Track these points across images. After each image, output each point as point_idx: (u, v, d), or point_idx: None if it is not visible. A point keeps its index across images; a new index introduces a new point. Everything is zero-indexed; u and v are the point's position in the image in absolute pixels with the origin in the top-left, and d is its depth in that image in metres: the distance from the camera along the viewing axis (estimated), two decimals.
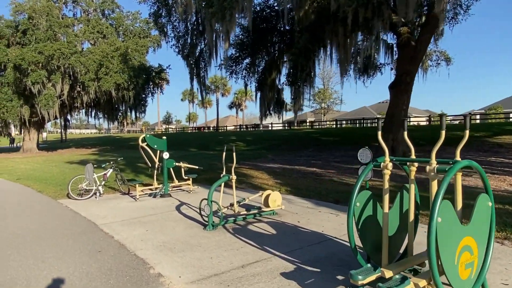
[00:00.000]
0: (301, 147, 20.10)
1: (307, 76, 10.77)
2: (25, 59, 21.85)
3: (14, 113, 24.28)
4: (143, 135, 8.20)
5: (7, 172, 15.29)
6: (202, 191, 8.97)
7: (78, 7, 29.97)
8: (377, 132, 3.53)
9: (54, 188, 9.98)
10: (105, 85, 23.76)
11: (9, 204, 8.00)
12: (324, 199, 7.43)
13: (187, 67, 15.45)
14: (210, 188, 5.53)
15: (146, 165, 8.58)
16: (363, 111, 56.90)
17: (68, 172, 14.14)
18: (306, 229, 5.28)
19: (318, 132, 26.59)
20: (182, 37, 14.87)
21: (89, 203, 7.85)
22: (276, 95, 19.06)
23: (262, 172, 11.56)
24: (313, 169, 11.84)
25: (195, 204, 7.34)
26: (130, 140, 39.72)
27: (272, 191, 6.39)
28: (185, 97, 66.38)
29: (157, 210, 6.90)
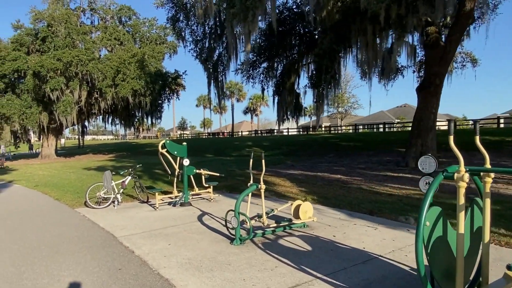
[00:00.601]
0: (320, 152, 19.50)
1: (331, 78, 10.28)
2: (44, 66, 22.07)
3: (33, 120, 24.55)
4: (162, 141, 7.85)
5: (25, 178, 15.26)
6: (223, 200, 8.56)
7: (96, 14, 30.35)
8: (448, 137, 2.97)
9: (71, 196, 9.73)
10: (122, 91, 23.77)
11: (26, 212, 7.75)
12: (357, 209, 6.88)
13: (205, 71, 15.18)
14: (238, 198, 5.08)
15: (166, 172, 8.23)
16: (380, 115, 55.70)
17: (86, 178, 13.97)
18: (344, 245, 4.76)
19: (337, 137, 25.92)
20: (200, 41, 14.63)
21: (107, 212, 7.52)
22: (295, 99, 18.59)
23: (284, 179, 11.06)
24: (338, 176, 11.27)
25: (217, 214, 6.92)
26: (146, 146, 39.84)
27: (303, 201, 5.90)
28: (200, 103, 66.66)
29: (178, 220, 6.49)
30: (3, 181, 15.05)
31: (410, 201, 7.25)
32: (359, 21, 9.21)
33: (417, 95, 12.63)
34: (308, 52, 14.45)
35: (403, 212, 6.44)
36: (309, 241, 4.94)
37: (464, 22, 11.25)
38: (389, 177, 10.49)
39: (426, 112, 12.19)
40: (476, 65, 18.78)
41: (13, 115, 23.79)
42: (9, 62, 23.22)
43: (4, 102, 24.14)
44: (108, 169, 8.63)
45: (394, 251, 4.44)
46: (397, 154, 16.63)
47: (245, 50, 10.31)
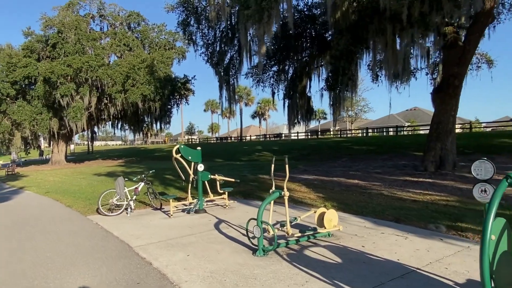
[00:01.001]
0: (332, 157, 19.13)
1: (349, 80, 9.97)
2: (55, 72, 22.16)
3: (44, 126, 24.66)
4: (177, 146, 7.61)
5: (36, 185, 15.18)
6: (238, 207, 8.27)
7: (105, 21, 30.56)
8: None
9: (83, 203, 9.54)
10: (132, 97, 23.75)
11: (38, 220, 7.56)
12: (381, 216, 6.53)
13: (216, 75, 14.98)
14: (260, 206, 4.78)
15: (180, 178, 7.98)
16: (390, 119, 55.00)
17: (96, 184, 13.81)
18: (376, 256, 4.43)
19: (348, 141, 25.51)
20: (211, 44, 14.44)
21: (120, 219, 7.28)
22: (306, 103, 18.29)
23: (299, 185, 10.74)
24: (355, 181, 10.91)
25: (234, 222, 6.64)
26: (155, 151, 39.83)
27: (327, 208, 5.59)
28: (208, 107, 66.67)
29: (194, 229, 6.22)
30: (14, 187, 14.98)
31: (437, 208, 6.88)
32: (377, 21, 8.92)
33: (435, 97, 12.24)
34: (321, 54, 14.17)
35: (432, 219, 6.09)
36: (337, 252, 4.62)
37: (484, 21, 10.88)
38: (409, 182, 10.10)
39: (445, 115, 11.79)
40: (492, 66, 18.30)
41: (24, 121, 23.93)
42: (20, 68, 23.40)
43: (15, 108, 24.31)
44: (120, 175, 8.40)
45: (432, 263, 4.10)
46: (412, 158, 16.20)
47: (260, 52, 10.05)
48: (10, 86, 24.65)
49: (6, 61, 24.23)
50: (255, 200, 9.04)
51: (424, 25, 7.86)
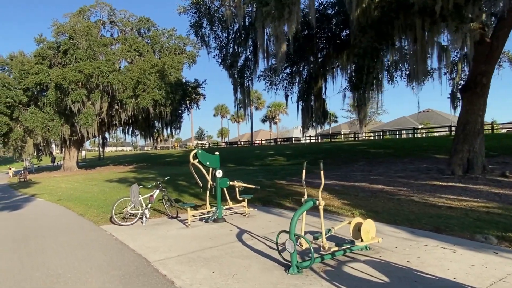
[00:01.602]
0: (349, 160, 18.54)
1: (374, 79, 9.45)
2: (66, 78, 22.10)
3: (56, 132, 24.61)
4: (194, 151, 7.18)
5: (48, 192, 14.95)
6: (259, 215, 7.78)
7: (115, 27, 30.62)
8: None
9: (95, 211, 9.18)
10: (143, 102, 23.55)
11: (49, 231, 7.18)
12: (418, 226, 5.97)
13: (229, 78, 14.58)
14: (292, 217, 4.30)
15: (197, 185, 7.54)
16: (402, 121, 54.02)
17: (108, 191, 13.49)
18: (427, 274, 3.89)
19: (364, 144, 24.84)
20: (225, 46, 14.07)
21: (136, 230, 6.86)
22: (321, 105, 17.76)
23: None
24: (379, 186, 10.34)
25: (257, 232, 6.15)
26: (166, 157, 39.66)
27: (363, 219, 5.07)
28: (218, 112, 66.51)
29: (216, 240, 5.75)
30: (26, 195, 14.77)
31: (479, 216, 6.29)
32: (403, 15, 8.40)
33: (461, 97, 11.64)
34: (337, 55, 13.68)
35: (477, 229, 5.52)
36: (381, 269, 4.09)
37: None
38: (438, 187, 9.49)
39: (473, 115, 11.15)
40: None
41: (36, 128, 23.91)
42: (32, 75, 23.44)
43: (27, 115, 24.34)
44: (132, 182, 7.98)
45: (496, 284, 3.55)
46: (434, 161, 15.53)
47: (279, 51, 9.60)
48: (22, 93, 24.74)
49: (18, 68, 24.33)
50: (276, 208, 8.55)
51: (459, 17, 7.31)
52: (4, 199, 13.50)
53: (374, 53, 8.73)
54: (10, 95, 24.06)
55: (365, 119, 11.62)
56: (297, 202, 8.89)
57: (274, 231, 6.19)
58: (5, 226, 8.05)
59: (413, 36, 8.91)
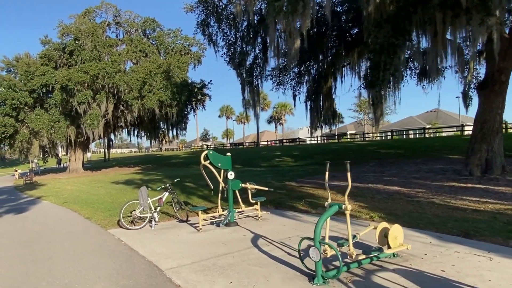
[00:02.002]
0: (359, 161, 18.14)
1: (391, 75, 9.09)
2: (72, 79, 21.96)
3: (61, 134, 24.48)
4: (205, 152, 6.88)
5: (54, 194, 14.74)
6: (272, 218, 7.46)
7: (121, 28, 30.48)
8: None
9: (102, 214, 8.91)
10: (149, 103, 23.34)
11: (55, 235, 6.92)
12: (444, 230, 5.62)
13: (238, 77, 14.26)
14: (317, 223, 3.96)
15: (208, 187, 7.24)
16: (410, 121, 53.46)
17: (115, 193, 13.24)
18: (466, 285, 3.54)
19: (373, 144, 24.42)
20: (233, 45, 13.77)
21: (145, 234, 6.57)
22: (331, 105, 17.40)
23: (333, 192, 9.82)
24: (394, 187, 9.97)
25: (273, 237, 5.83)
26: (171, 158, 39.45)
27: (390, 224, 4.73)
28: (223, 113, 66.29)
29: (230, 246, 5.44)
30: (31, 197, 14.57)
31: (509, 219, 5.92)
32: (421, 9, 8.04)
33: (478, 95, 11.23)
34: (349, 53, 13.33)
35: (510, 234, 5.15)
36: (414, 280, 3.75)
37: None
38: (457, 188, 9.10)
39: (491, 114, 10.74)
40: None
41: (42, 129, 23.80)
42: (38, 77, 23.33)
43: (33, 117, 24.24)
44: (139, 183, 7.67)
45: None
46: (447, 161, 15.11)
47: (293, 47, 9.25)
48: (28, 94, 24.66)
49: (24, 70, 24.26)
50: (288, 210, 8.23)
51: (484, 9, 6.95)
52: (10, 202, 13.31)
53: (391, 49, 8.38)
54: (16, 96, 23.99)
55: (381, 118, 11.20)
56: (311, 204, 8.57)
57: (291, 236, 5.88)
58: (10, 230, 7.81)
59: (432, 31, 8.55)
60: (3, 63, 26.91)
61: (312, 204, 8.59)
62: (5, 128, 23.96)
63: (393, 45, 8.33)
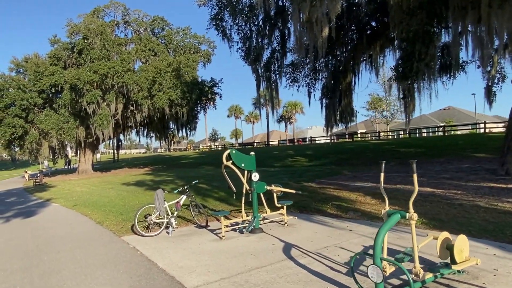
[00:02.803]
0: (377, 160, 17.35)
1: (426, 66, 8.36)
2: (81, 79, 21.57)
3: (71, 135, 24.14)
4: (227, 151, 6.26)
5: (63, 196, 14.30)
6: (299, 224, 6.80)
7: (129, 27, 30.10)
8: None
9: (115, 218, 8.36)
10: (159, 102, 22.85)
11: (65, 243, 6.37)
12: (504, 239, 4.92)
13: (253, 73, 13.61)
14: (377, 236, 3.31)
15: (231, 189, 6.62)
16: (422, 119, 52.12)
17: (126, 195, 12.72)
18: None
19: (390, 143, 23.59)
20: (249, 38, 13.14)
21: (162, 242, 5.98)
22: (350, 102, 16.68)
23: (360, 194, 9.17)
24: (426, 188, 9.23)
25: (308, 247, 5.18)
26: (180, 159, 39.01)
27: (453, 234, 4.04)
28: (231, 113, 65.75)
29: (261, 258, 4.81)
30: (41, 199, 14.15)
31: None
32: None
33: None
34: (370, 46, 12.61)
35: None
36: None
37: None
38: (498, 190, 8.34)
39: None
40: None
41: (51, 130, 23.47)
42: (47, 77, 23.01)
43: (42, 117, 23.93)
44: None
45: None
46: (474, 160, 14.27)
47: (321, 36, 8.58)
48: (37, 95, 24.38)
49: (33, 70, 23.98)
50: (315, 215, 7.56)
51: None
52: (19, 204, 12.89)
53: (426, 37, 7.67)
54: (25, 97, 23.72)
55: (413, 113, 10.44)
56: (339, 208, 7.90)
57: (327, 245, 5.22)
58: (18, 236, 7.29)
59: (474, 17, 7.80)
60: (13, 63, 26.70)
61: (341, 207, 7.92)
62: (15, 129, 23.70)
63: (429, 33, 7.61)
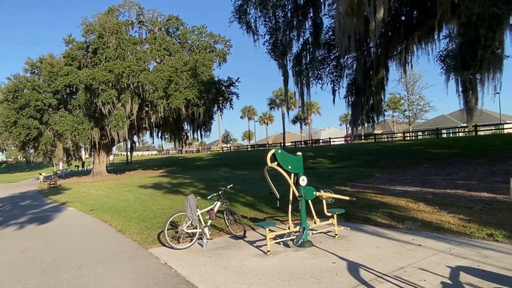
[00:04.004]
0: (409, 162, 16.27)
1: (491, 54, 7.36)
2: (96, 78, 21.03)
3: (85, 136, 23.63)
4: (272, 151, 5.37)
5: (79, 199, 13.63)
6: (354, 236, 5.87)
7: (144, 27, 29.58)
8: None
9: (137, 226, 7.57)
10: (175, 102, 22.15)
11: (86, 256, 5.57)
12: None
13: (280, 68, 12.73)
14: None
15: (274, 195, 5.73)
16: (441, 120, 50.50)
17: (146, 199, 11.96)
18: None
19: (417, 143, 22.41)
20: (276, 31, 12.26)
21: (197, 257, 5.13)
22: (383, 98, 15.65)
23: (408, 200, 8.17)
24: (483, 194, 8.18)
25: (376, 267, 4.25)
26: (194, 160, 38.35)
27: None
28: (245, 114, 64.95)
29: (325, 282, 3.89)
30: (56, 202, 13.51)
31: None
32: None
33: None
34: (407, 37, 11.61)
35: None
36: None
37: None
38: None
39: None
40: None
41: (66, 131, 22.99)
42: (61, 77, 22.56)
43: (57, 118, 23.50)
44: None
45: None
46: None
47: (376, 19, 7.61)
48: (52, 96, 23.95)
49: (48, 71, 23.57)
50: (366, 225, 6.60)
51: None
52: (33, 208, 12.25)
53: (494, 20, 6.67)
54: (40, 98, 23.32)
55: (476, 107, 9.35)
56: (391, 216, 6.92)
57: (402, 265, 4.28)
58: (32, 246, 6.54)
59: None
60: (27, 64, 26.40)
61: (393, 216, 6.94)
62: (29, 130, 23.31)
63: (496, 16, 6.59)
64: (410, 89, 38.93)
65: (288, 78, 12.80)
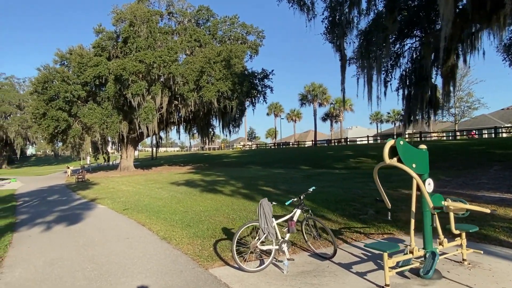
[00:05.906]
0: (471, 163, 14.30)
1: None
2: (126, 68, 20.05)
3: (114, 129, 22.77)
4: (390, 142, 3.82)
5: (109, 196, 12.53)
6: (488, 262, 4.26)
7: (173, 19, 28.58)
8: None
9: (183, 233, 6.21)
10: (207, 94, 20.88)
11: (127, 275, 4.21)
12: None
13: (337, 51, 11.03)
14: None
15: (385, 204, 4.20)
16: (482, 120, 47.12)
17: (183, 198, 10.65)
18: None
19: (473, 143, 20.22)
20: (337, 7, 10.58)
21: (279, 286, 3.66)
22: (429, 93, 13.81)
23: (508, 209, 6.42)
24: None
25: None
26: (221, 157, 37.18)
27: None
28: (271, 111, 63.32)
29: None
30: (85, 198, 12.48)
31: None
32: None
33: None
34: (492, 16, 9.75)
35: None
36: None
37: None
38: None
39: None
40: None
41: (95, 124, 22.21)
42: (91, 68, 21.77)
43: (85, 111, 22.77)
44: (265, 198, 4.65)
45: None
46: None
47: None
48: (81, 87, 23.25)
49: (77, 62, 22.86)
50: (496, 246, 4.93)
51: None
52: (61, 205, 11.21)
53: None
54: (69, 89, 22.65)
55: None
56: None
57: None
58: (61, 256, 5.28)
59: None
60: (57, 56, 25.87)
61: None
62: (58, 122, 22.69)
63: None
64: (457, 84, 36.01)
65: (346, 64, 11.09)
